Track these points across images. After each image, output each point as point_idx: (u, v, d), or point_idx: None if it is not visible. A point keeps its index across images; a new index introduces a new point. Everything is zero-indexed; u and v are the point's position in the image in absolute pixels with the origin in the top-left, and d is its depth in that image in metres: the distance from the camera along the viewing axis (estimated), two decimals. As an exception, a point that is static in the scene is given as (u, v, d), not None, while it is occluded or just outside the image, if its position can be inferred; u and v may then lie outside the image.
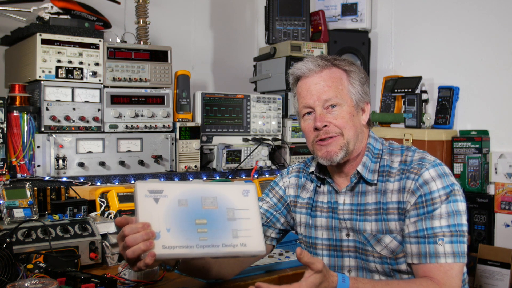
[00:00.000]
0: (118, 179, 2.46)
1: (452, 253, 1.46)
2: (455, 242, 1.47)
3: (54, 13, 2.47)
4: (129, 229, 1.28)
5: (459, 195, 1.54)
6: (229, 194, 1.41)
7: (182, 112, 2.77)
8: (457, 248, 1.47)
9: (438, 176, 1.53)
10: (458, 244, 1.47)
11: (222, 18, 3.61)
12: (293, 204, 1.79)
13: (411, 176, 1.56)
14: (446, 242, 1.47)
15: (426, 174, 1.54)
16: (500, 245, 2.77)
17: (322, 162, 1.64)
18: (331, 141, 1.59)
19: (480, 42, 2.96)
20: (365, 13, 3.38)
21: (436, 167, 1.55)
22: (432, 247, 1.48)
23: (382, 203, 1.59)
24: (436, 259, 1.47)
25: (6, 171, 2.18)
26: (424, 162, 1.57)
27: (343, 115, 1.59)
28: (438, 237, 1.48)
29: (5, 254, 1.55)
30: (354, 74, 1.63)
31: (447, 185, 1.52)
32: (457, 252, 1.47)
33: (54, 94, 2.40)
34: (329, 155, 1.60)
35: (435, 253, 1.47)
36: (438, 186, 1.52)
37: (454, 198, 1.52)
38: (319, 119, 1.59)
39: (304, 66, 1.62)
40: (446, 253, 1.47)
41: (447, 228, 1.48)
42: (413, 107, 3.00)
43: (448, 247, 1.47)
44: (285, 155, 3.06)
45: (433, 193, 1.52)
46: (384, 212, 1.58)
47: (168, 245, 1.29)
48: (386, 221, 1.57)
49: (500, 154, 2.83)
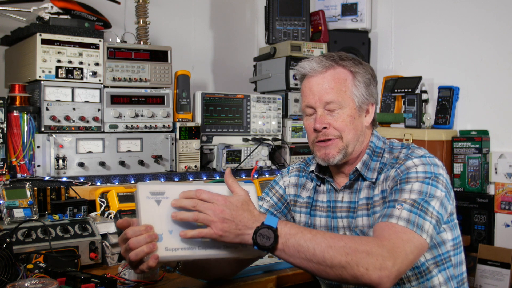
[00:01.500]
0: (118, 179, 2.46)
1: (407, 220, 1.38)
2: (414, 213, 1.39)
3: (54, 13, 2.47)
4: (131, 231, 1.27)
5: (442, 184, 1.48)
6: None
7: (182, 112, 2.77)
8: (414, 218, 1.38)
9: (422, 164, 1.50)
10: (417, 216, 1.39)
11: (222, 18, 3.61)
12: (293, 203, 1.79)
13: (395, 166, 1.55)
14: (404, 208, 1.40)
15: (410, 162, 1.52)
16: (500, 245, 2.77)
17: (320, 163, 1.65)
18: (330, 143, 1.59)
19: (480, 42, 2.96)
20: (365, 13, 3.39)
21: (423, 158, 1.52)
22: (390, 210, 1.42)
23: (370, 197, 1.59)
24: (388, 218, 1.40)
25: (6, 171, 2.18)
26: (411, 155, 1.55)
27: (344, 118, 1.58)
28: (398, 202, 1.42)
29: (5, 254, 1.55)
30: (359, 75, 1.61)
31: (430, 171, 1.49)
32: (412, 220, 1.38)
33: (54, 94, 2.40)
34: (327, 157, 1.60)
35: (389, 214, 1.41)
36: (418, 170, 1.49)
37: (434, 183, 1.47)
38: (318, 121, 1.59)
39: (308, 65, 1.61)
40: (401, 217, 1.39)
41: (410, 200, 1.42)
42: (413, 107, 3.00)
43: (405, 213, 1.39)
44: (285, 155, 3.06)
45: (411, 173, 1.48)
46: (371, 206, 1.58)
47: (170, 247, 1.29)
48: (373, 214, 1.57)
49: (500, 154, 2.83)
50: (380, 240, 1.33)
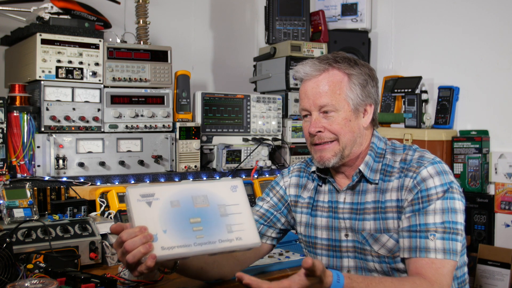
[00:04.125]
0: (118, 179, 2.46)
1: (443, 250, 1.45)
2: (447, 239, 1.46)
3: (54, 13, 2.47)
4: (126, 234, 1.27)
5: (456, 193, 1.53)
6: (218, 191, 1.43)
7: (182, 112, 2.77)
8: (448, 245, 1.46)
9: (436, 174, 1.53)
10: (450, 242, 1.46)
11: (222, 18, 3.61)
12: (294, 203, 1.79)
13: (409, 174, 1.56)
14: (437, 238, 1.46)
15: (424, 172, 1.53)
16: (500, 245, 2.77)
17: (316, 165, 1.66)
18: (326, 147, 1.60)
19: (480, 42, 2.96)
20: (365, 13, 3.39)
21: (435, 164, 1.55)
22: (423, 241, 1.47)
23: (381, 201, 1.59)
24: (426, 253, 1.45)
25: (6, 171, 2.18)
26: (423, 160, 1.57)
27: (339, 121, 1.58)
28: (430, 232, 1.47)
29: (5, 254, 1.55)
30: (355, 77, 1.60)
31: (445, 183, 1.52)
32: (448, 249, 1.45)
33: (54, 94, 2.40)
34: (322, 160, 1.61)
35: (425, 248, 1.46)
36: (436, 183, 1.52)
37: (451, 195, 1.51)
38: (313, 125, 1.60)
39: (302, 69, 1.62)
40: (437, 249, 1.45)
41: (440, 225, 1.47)
42: (413, 107, 3.00)
43: (440, 243, 1.45)
44: (285, 155, 3.06)
45: (430, 189, 1.51)
46: (382, 211, 1.58)
47: (166, 246, 1.30)
48: (384, 219, 1.57)
49: (500, 154, 2.83)
50: (431, 285, 1.40)
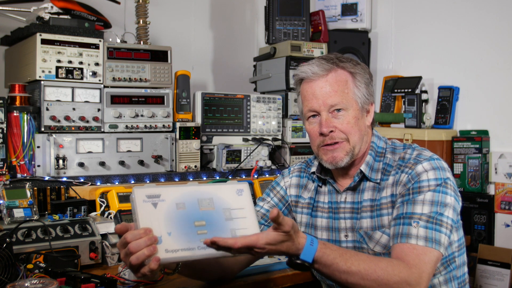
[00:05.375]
0: (118, 179, 2.46)
1: (425, 237, 1.43)
2: (430, 228, 1.44)
3: (54, 13, 2.47)
4: (131, 235, 1.27)
5: (450, 189, 1.51)
6: (224, 195, 1.42)
7: (182, 112, 2.77)
8: (431, 234, 1.44)
9: (431, 168, 1.52)
10: (433, 231, 1.44)
11: (222, 18, 3.61)
12: (295, 204, 1.79)
13: (405, 170, 1.56)
14: (420, 226, 1.45)
15: (420, 167, 1.53)
16: (500, 245, 2.77)
17: (327, 166, 1.63)
18: (337, 147, 1.59)
19: (480, 42, 2.96)
20: (365, 13, 3.38)
21: (432, 161, 1.54)
22: (406, 228, 1.46)
23: (376, 199, 1.59)
24: (407, 239, 1.44)
25: (6, 171, 2.18)
26: (420, 158, 1.57)
27: (349, 120, 1.58)
28: (414, 219, 1.46)
29: (5, 254, 1.55)
30: (359, 76, 1.61)
31: (440, 178, 1.51)
32: (430, 237, 1.43)
33: (54, 94, 2.40)
34: (335, 161, 1.60)
35: (407, 234, 1.45)
36: (430, 177, 1.51)
37: (444, 190, 1.49)
38: (325, 125, 1.58)
39: (309, 69, 1.60)
40: (419, 235, 1.43)
41: (426, 214, 1.46)
42: (413, 107, 3.00)
43: (422, 231, 1.44)
44: (285, 155, 3.06)
45: (422, 182, 1.51)
46: (377, 208, 1.58)
47: (170, 248, 1.29)
48: (379, 216, 1.57)
49: (500, 154, 2.83)
50: (409, 268, 1.39)
